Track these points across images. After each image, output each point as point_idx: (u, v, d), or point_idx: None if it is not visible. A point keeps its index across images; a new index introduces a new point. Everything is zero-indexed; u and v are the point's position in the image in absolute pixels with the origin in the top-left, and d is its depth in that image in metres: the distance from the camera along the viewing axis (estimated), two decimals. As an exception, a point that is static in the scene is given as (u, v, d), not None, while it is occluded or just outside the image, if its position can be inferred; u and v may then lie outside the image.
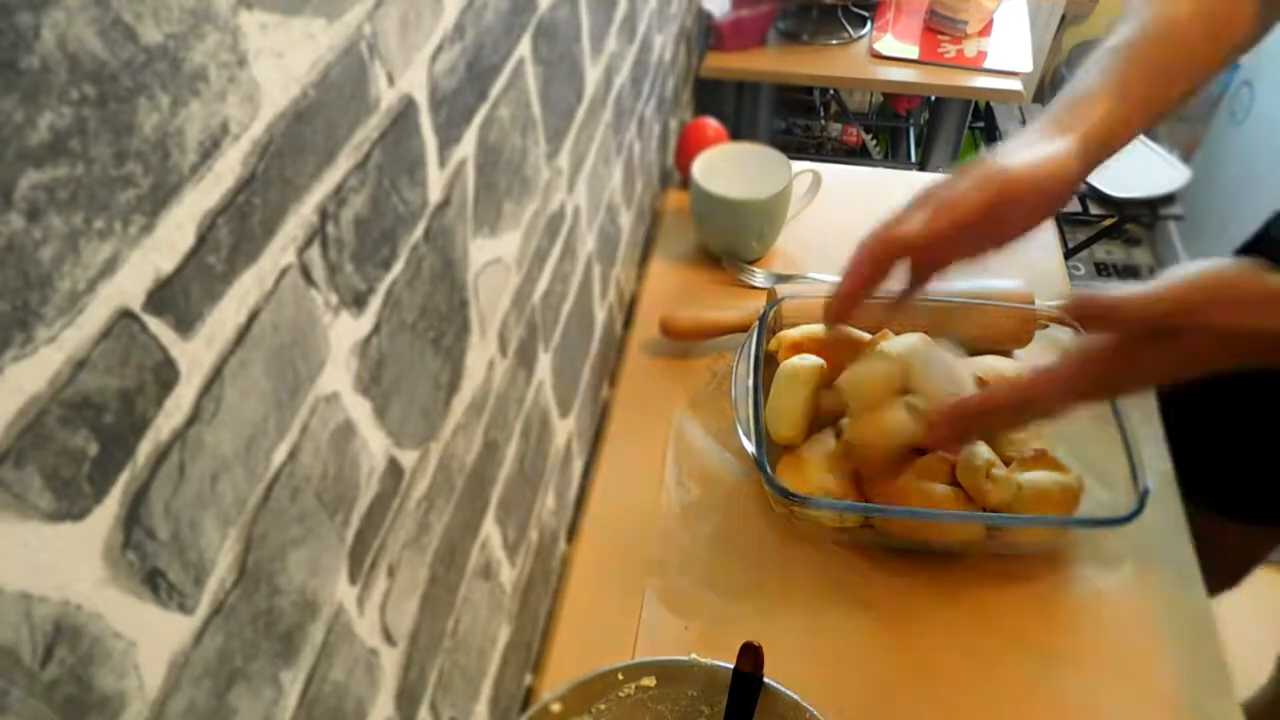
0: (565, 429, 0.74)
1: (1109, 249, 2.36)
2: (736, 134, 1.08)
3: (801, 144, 2.14)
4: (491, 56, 0.47)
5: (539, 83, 0.55)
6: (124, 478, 0.23)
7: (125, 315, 0.23)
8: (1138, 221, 1.85)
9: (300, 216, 0.30)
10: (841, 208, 1.04)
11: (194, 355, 0.26)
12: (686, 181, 0.98)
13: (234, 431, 0.28)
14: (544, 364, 0.65)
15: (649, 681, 0.54)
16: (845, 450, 0.69)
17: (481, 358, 0.51)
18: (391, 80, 0.36)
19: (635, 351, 0.91)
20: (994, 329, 0.83)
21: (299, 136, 0.30)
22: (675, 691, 0.55)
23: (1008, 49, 1.41)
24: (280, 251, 0.30)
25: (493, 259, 0.51)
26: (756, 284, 0.97)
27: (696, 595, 0.70)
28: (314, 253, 0.32)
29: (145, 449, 0.24)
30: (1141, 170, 1.83)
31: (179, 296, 0.25)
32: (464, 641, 0.53)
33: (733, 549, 0.73)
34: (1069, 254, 2.03)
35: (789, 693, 0.52)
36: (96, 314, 0.22)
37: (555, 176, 0.62)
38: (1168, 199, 1.79)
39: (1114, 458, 0.69)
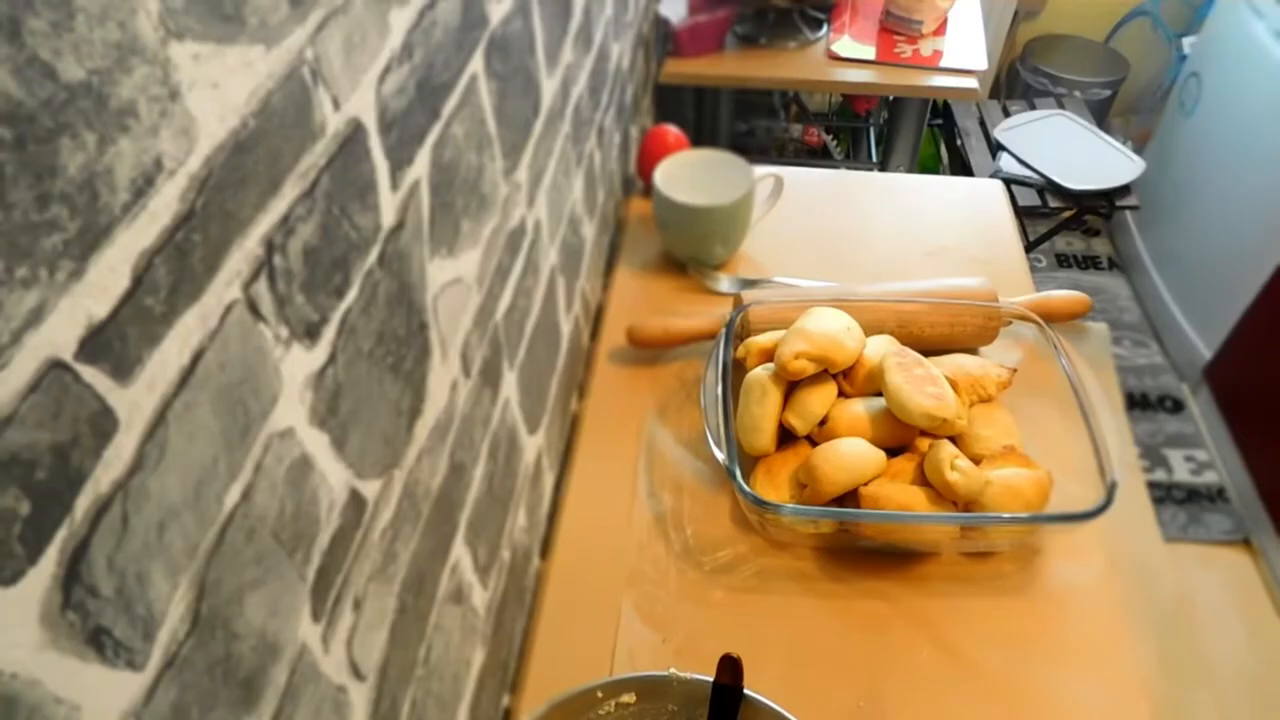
0: (534, 445, 0.73)
1: (1069, 240, 2.40)
2: (698, 138, 1.08)
3: (763, 145, 2.14)
4: (443, 74, 0.46)
5: (494, 98, 0.55)
6: (61, 535, 0.22)
7: (56, 366, 0.22)
8: (1096, 213, 1.87)
9: (245, 250, 0.29)
10: (805, 210, 1.05)
11: (134, 401, 0.25)
12: (649, 189, 0.97)
13: (181, 477, 0.27)
14: (509, 381, 0.64)
15: (628, 698, 0.54)
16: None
17: (444, 380, 0.50)
18: (337, 104, 0.35)
19: (603, 362, 0.90)
20: (959, 327, 0.84)
21: (240, 168, 0.29)
22: (655, 707, 0.54)
23: (963, 47, 1.42)
24: (224, 287, 0.29)
25: (452, 279, 0.50)
26: (722, 290, 0.96)
27: (673, 607, 0.70)
28: (261, 286, 0.31)
29: (84, 503, 0.23)
30: (1098, 163, 1.85)
31: (115, 342, 0.24)
32: (437, 668, 0.52)
33: (707, 559, 0.73)
34: (1030, 247, 2.05)
35: (770, 703, 0.51)
36: (23, 366, 0.21)
37: (514, 191, 0.61)
38: (1124, 190, 1.82)
39: (1081, 452, 0.70)
